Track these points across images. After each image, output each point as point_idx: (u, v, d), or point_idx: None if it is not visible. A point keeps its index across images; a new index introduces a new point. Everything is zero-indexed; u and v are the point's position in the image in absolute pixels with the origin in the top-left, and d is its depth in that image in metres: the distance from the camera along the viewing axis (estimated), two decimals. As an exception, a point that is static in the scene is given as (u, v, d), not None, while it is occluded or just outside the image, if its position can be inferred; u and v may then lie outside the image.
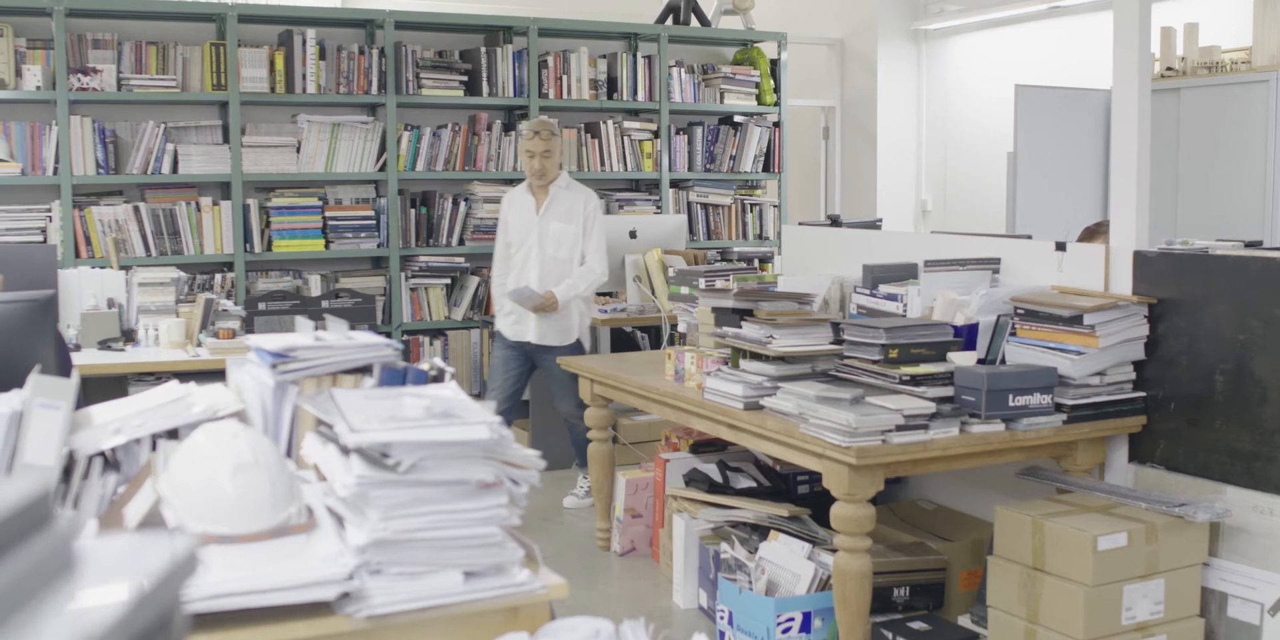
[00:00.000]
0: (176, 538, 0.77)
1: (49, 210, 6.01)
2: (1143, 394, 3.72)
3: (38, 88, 5.93)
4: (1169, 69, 6.19)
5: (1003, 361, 3.76)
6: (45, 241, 5.91)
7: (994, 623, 3.49)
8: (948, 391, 3.52)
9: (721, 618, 3.90)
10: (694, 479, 4.55)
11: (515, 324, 5.50)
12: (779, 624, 3.65)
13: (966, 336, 3.77)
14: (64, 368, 2.69)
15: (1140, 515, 3.40)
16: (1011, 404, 3.49)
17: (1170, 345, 3.67)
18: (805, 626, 3.68)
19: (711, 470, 4.60)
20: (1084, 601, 3.22)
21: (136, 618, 0.66)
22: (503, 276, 5.61)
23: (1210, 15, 6.23)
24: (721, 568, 4.03)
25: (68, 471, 2.04)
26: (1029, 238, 4.49)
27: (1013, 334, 3.76)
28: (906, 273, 4.25)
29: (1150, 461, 3.73)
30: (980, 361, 3.72)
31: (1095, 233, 4.65)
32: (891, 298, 4.11)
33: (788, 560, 3.84)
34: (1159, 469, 3.70)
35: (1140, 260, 3.73)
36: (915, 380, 3.50)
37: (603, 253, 5.55)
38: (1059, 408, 3.59)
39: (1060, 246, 3.95)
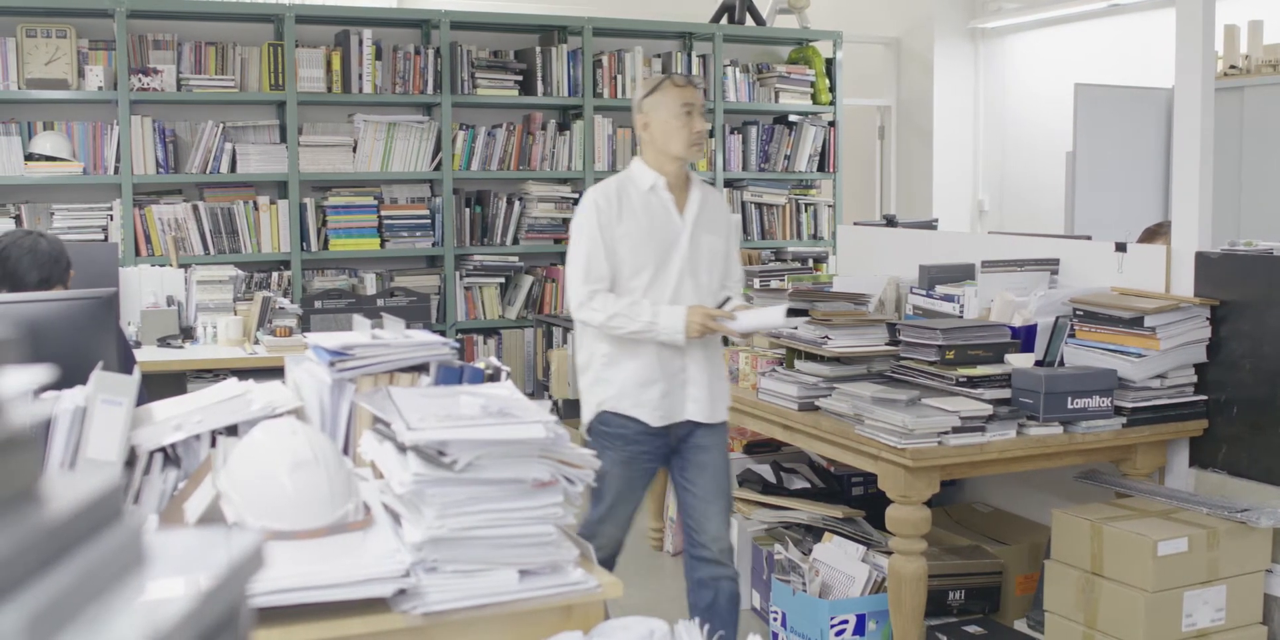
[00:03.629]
0: (240, 533, 0.78)
1: (110, 209, 6.09)
2: (1204, 397, 3.66)
3: (99, 88, 6.01)
4: (1232, 67, 6.09)
5: (1061, 363, 3.72)
6: (106, 240, 5.99)
7: (1051, 627, 3.45)
8: (1005, 393, 3.49)
9: (775, 619, 3.89)
10: (748, 479, 4.54)
11: (664, 398, 3.34)
12: (833, 626, 3.63)
13: (1024, 338, 3.73)
14: (126, 364, 2.73)
15: (1201, 520, 3.35)
16: (1070, 406, 3.45)
17: (1233, 348, 3.61)
18: (859, 629, 3.65)
19: (766, 471, 4.58)
20: (1144, 607, 3.17)
21: (205, 612, 0.66)
22: (616, 316, 3.27)
23: (1275, 12, 6.12)
24: (775, 569, 4.01)
25: (129, 467, 2.07)
26: (1088, 238, 4.43)
27: (1071, 336, 3.72)
28: (963, 273, 4.21)
29: (1212, 466, 3.68)
30: (1038, 363, 3.68)
31: (1156, 233, 4.59)
32: (948, 298, 4.08)
33: (842, 562, 3.82)
34: (1221, 474, 3.64)
35: (1202, 261, 3.68)
36: (972, 382, 3.47)
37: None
38: (1118, 410, 3.55)
39: (1120, 247, 3.90)
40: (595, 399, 3.38)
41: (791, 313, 3.68)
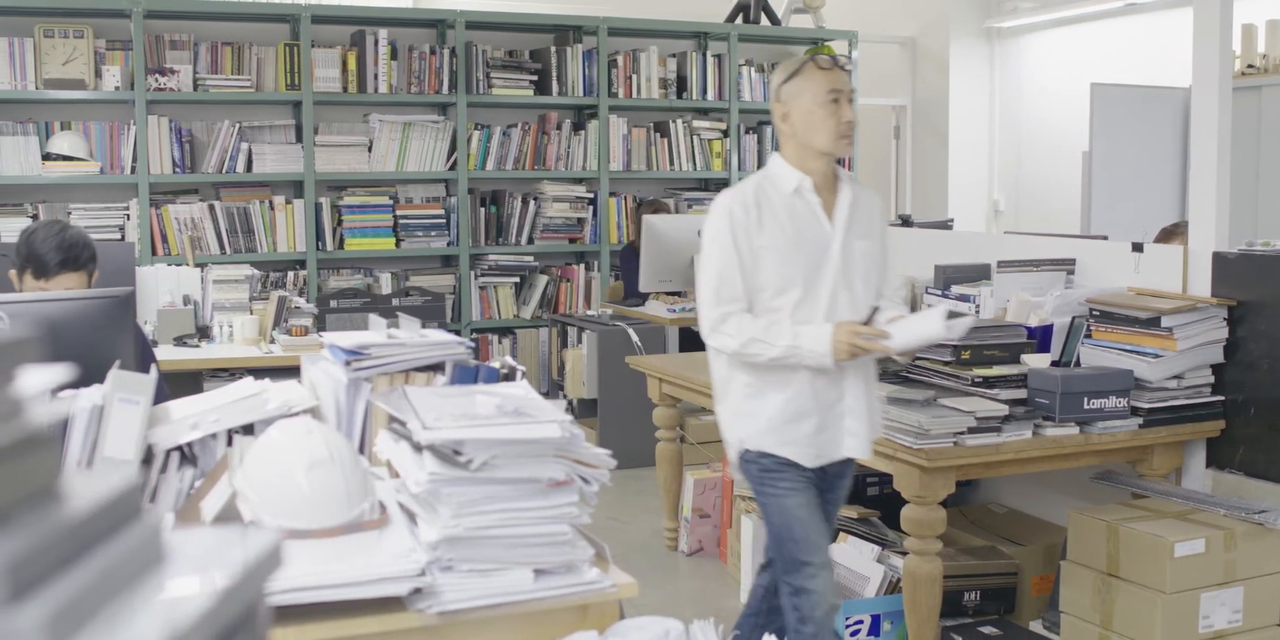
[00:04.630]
0: (257, 532, 0.78)
1: (126, 208, 6.12)
2: (1221, 398, 3.65)
3: (116, 88, 6.04)
4: (1250, 66, 6.07)
5: (1077, 364, 3.70)
6: (123, 239, 6.01)
7: (1067, 629, 3.44)
8: (1021, 394, 3.48)
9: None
10: (762, 479, 4.52)
11: (818, 434, 2.90)
12: (847, 626, 3.62)
13: (1040, 338, 3.71)
14: (145, 363, 2.74)
15: (1218, 521, 3.33)
16: (1086, 407, 3.44)
17: (1250, 348, 3.59)
18: (874, 629, 3.65)
19: (779, 471, 4.56)
20: (1161, 609, 3.16)
21: (223, 610, 0.66)
22: (753, 342, 2.81)
23: (1293, 12, 6.10)
24: (789, 569, 4.00)
25: (146, 465, 2.07)
26: (1105, 238, 4.42)
27: (1088, 336, 3.71)
28: (979, 273, 4.20)
29: (1229, 467, 3.66)
30: (1054, 364, 3.66)
31: (1173, 234, 4.57)
32: (964, 298, 4.06)
33: (857, 562, 3.81)
34: (1238, 474, 3.63)
35: (1219, 261, 3.66)
36: (988, 382, 3.46)
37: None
38: (1135, 411, 3.53)
39: (1137, 247, 3.89)
40: (737, 435, 2.95)
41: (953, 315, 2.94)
